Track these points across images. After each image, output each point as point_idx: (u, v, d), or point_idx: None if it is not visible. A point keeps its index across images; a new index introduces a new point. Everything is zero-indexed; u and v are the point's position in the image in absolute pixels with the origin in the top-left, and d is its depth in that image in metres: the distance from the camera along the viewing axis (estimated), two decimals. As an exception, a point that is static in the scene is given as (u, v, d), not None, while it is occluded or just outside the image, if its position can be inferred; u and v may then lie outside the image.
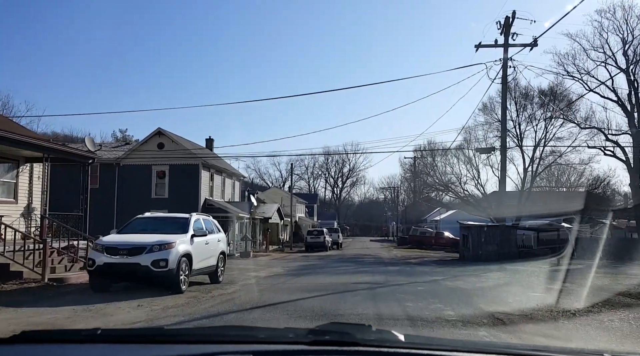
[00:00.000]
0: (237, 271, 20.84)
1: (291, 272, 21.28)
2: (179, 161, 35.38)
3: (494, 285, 16.75)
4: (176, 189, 35.04)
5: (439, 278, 19.31)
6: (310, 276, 19.10)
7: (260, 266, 24.73)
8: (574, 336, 8.51)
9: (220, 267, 16.04)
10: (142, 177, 35.23)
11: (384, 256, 38.73)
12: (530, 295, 13.80)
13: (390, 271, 22.28)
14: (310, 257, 34.37)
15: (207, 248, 14.92)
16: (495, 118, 45.39)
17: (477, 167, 44.41)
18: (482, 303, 11.91)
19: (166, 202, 35.05)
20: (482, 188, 45.06)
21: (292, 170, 49.94)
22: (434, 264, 29.82)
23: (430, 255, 40.87)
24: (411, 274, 21.21)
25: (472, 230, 31.50)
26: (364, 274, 20.15)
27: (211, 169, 36.62)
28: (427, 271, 22.75)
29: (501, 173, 24.73)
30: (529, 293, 14.07)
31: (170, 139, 35.47)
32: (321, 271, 21.56)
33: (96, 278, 13.25)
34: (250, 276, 18.90)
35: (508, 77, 24.45)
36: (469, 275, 21.26)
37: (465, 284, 17.17)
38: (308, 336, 2.04)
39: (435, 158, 44.39)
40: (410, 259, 35.55)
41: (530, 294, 13.92)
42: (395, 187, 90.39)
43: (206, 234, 15.00)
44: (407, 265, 27.98)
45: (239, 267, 23.57)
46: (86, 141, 19.14)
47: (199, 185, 34.84)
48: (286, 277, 18.84)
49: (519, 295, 13.75)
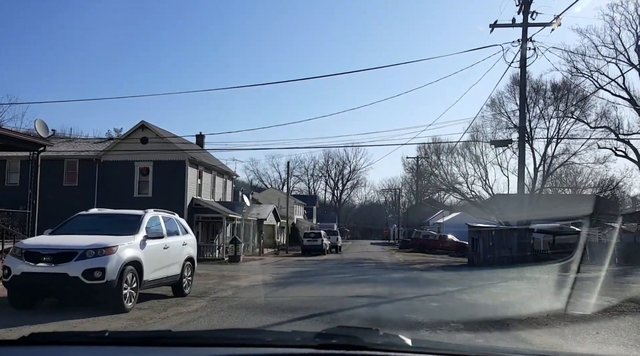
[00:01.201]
0: (215, 280, 17.63)
1: (279, 281, 18.07)
2: (164, 157, 32.18)
3: (522, 300, 13.52)
4: (161, 187, 31.85)
5: (452, 289, 16.10)
6: (300, 287, 15.88)
7: (246, 272, 21.52)
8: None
9: (186, 277, 12.84)
10: (124, 174, 32.05)
11: (385, 260, 35.50)
12: (580, 315, 10.55)
13: (394, 280, 19.07)
14: (305, 262, 31.14)
15: (166, 254, 11.73)
16: (505, 114, 42.33)
17: (485, 166, 41.22)
18: (523, 330, 8.69)
19: (150, 201, 31.71)
20: (489, 189, 41.87)
21: (288, 168, 46.82)
22: (441, 270, 26.61)
23: (435, 260, 37.64)
24: (418, 283, 18.00)
25: (482, 234, 28.27)
26: (364, 284, 16.92)
27: (199, 166, 33.42)
28: (436, 280, 19.55)
29: (519, 168, 21.53)
30: (576, 312, 10.82)
31: (154, 133, 32.27)
32: (315, 280, 18.34)
33: (16, 292, 10.06)
34: (228, 286, 15.69)
35: (527, 60, 21.20)
36: (486, 285, 18.05)
37: (486, 298, 13.96)
38: (315, 340, 2.03)
39: (440, 157, 41.17)
40: (414, 264, 32.34)
41: (576, 313, 10.68)
42: (397, 189, 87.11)
43: (163, 236, 11.79)
44: (412, 272, 24.77)
45: (221, 274, 20.37)
46: (36, 125, 15.97)
47: (185, 183, 31.64)
48: (271, 288, 15.62)
49: (568, 317, 10.48)
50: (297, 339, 2.12)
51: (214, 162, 37.97)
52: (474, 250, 29.85)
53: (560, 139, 40.52)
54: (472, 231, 30.51)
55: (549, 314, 10.40)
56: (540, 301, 13.04)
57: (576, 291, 14.72)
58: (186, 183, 31.75)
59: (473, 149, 40.92)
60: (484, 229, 28.48)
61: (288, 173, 46.87)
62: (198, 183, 33.54)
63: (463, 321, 9.43)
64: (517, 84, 43.90)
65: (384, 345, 2.03)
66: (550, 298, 13.66)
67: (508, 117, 42.19)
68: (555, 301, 12.85)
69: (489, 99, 40.29)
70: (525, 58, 20.95)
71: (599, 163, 40.13)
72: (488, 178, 41.19)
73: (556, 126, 38.82)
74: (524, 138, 22.69)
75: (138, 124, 32.37)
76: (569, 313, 10.62)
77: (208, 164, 35.16)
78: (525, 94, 20.83)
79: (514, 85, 42.54)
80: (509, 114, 42.00)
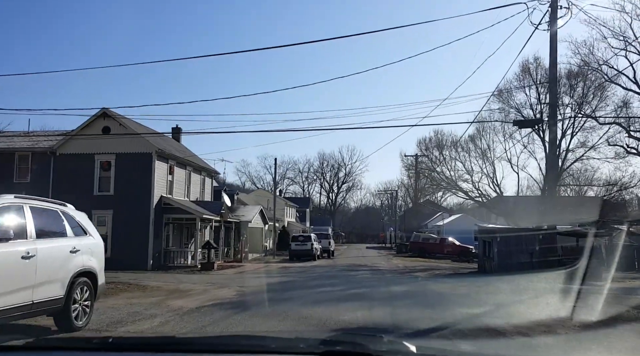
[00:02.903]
0: (156, 298, 12.92)
1: (243, 299, 13.32)
2: (129, 148, 27.47)
3: (589, 329, 8.86)
4: (124, 184, 27.12)
5: (476, 310, 11.45)
6: (268, 309, 11.11)
7: (209, 285, 16.81)
8: None
9: (80, 301, 8.14)
10: (83, 169, 27.32)
11: (382, 267, 30.83)
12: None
13: (395, 296, 14.36)
14: (290, 269, 26.41)
15: (27, 267, 7.03)
16: (513, 105, 37.76)
17: (493, 162, 36.66)
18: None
19: (112, 199, 27.18)
20: (497, 188, 37.25)
21: (275, 164, 41.86)
22: (449, 279, 21.97)
23: (438, 266, 33.00)
24: (428, 301, 13.34)
25: (498, 236, 23.62)
26: (356, 303, 12.19)
27: (170, 160, 28.68)
28: (449, 294, 14.88)
29: (549, 155, 16.91)
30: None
31: (117, 122, 27.58)
32: (291, 297, 13.63)
33: None
34: (164, 309, 10.97)
35: (559, 21, 16.54)
36: (515, 302, 13.39)
37: (535, 329, 9.25)
38: (320, 347, 1.99)
39: (442, 152, 36.54)
40: (415, 271, 27.68)
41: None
42: (394, 190, 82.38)
43: (26, 237, 7.08)
44: (415, 281, 20.14)
45: (174, 288, 15.67)
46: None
47: (152, 178, 26.90)
48: (227, 311, 10.89)
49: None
50: (302, 346, 2.09)
51: (191, 157, 33.26)
52: (486, 255, 25.22)
53: (576, 131, 36.10)
54: (483, 234, 25.89)
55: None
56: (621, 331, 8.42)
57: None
58: (153, 178, 27.03)
59: (479, 143, 36.43)
60: (498, 230, 23.83)
61: (275, 169, 41.99)
62: (169, 179, 28.80)
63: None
64: (527, 71, 39.47)
65: (389, 352, 1.99)
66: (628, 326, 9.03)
67: (517, 109, 37.80)
68: None
69: (496, 90, 35.67)
70: (556, 15, 16.31)
71: (620, 158, 35.48)
72: (496, 176, 36.64)
73: (572, 116, 34.29)
74: (556, 116, 18.04)
75: (99, 112, 27.66)
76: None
77: (182, 158, 30.43)
78: (556, 59, 16.22)
79: (524, 73, 38.16)
80: (518, 107, 37.60)
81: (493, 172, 35.96)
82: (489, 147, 36.29)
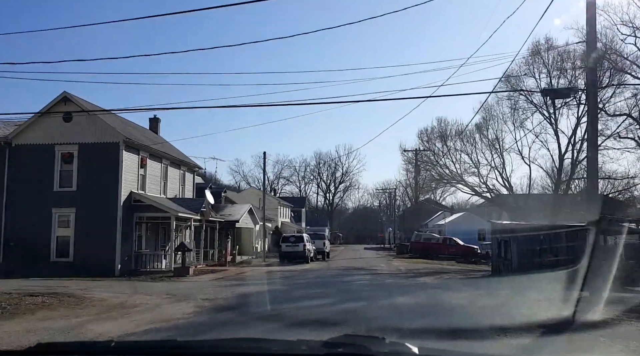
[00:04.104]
0: (84, 317, 9.36)
1: (198, 320, 9.67)
2: (93, 138, 23.86)
3: None
4: (89, 178, 23.49)
5: (527, 338, 7.89)
6: (221, 338, 7.47)
7: (167, 297, 13.19)
8: None
9: None
10: (42, 162, 23.72)
11: (382, 270, 27.26)
12: None
13: (402, 311, 10.74)
14: (276, 275, 22.81)
15: None
16: (522, 91, 34.23)
17: (502, 153, 33.10)
18: None
19: (74, 196, 23.53)
20: (507, 182, 33.70)
21: (265, 158, 37.94)
22: (463, 285, 18.43)
23: (443, 268, 29.42)
24: (450, 319, 9.73)
25: (517, 234, 20.04)
26: (349, 327, 8.55)
27: (142, 151, 25.08)
28: (472, 308, 11.32)
29: (590, 130, 13.27)
30: None
31: (80, 107, 23.98)
32: (263, 316, 9.96)
33: None
34: (78, 337, 7.36)
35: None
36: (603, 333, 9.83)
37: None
38: (322, 349, 1.99)
39: (447, 142, 32.92)
40: (420, 275, 24.13)
41: None
42: (393, 189, 78.72)
43: None
44: (423, 289, 16.59)
45: (118, 302, 12.07)
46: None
47: (120, 171, 23.28)
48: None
49: None
50: (304, 348, 2.10)
51: (169, 149, 29.66)
52: (502, 256, 21.66)
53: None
54: (497, 231, 22.32)
55: None
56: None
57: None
58: (120, 171, 23.38)
59: (486, 133, 32.87)
60: (518, 228, 20.25)
61: (264, 162, 38.16)
62: (140, 173, 25.16)
63: None
64: (537, 55, 36.09)
65: (391, 353, 1.99)
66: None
67: (526, 96, 34.27)
68: None
69: (504, 75, 32.14)
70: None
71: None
72: (505, 169, 33.09)
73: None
74: (596, 82, 14.47)
75: (59, 96, 24.04)
76: None
77: (156, 150, 26.78)
78: (595, 14, 12.63)
79: (534, 57, 34.70)
80: (527, 94, 34.06)
81: (502, 165, 32.40)
82: (497, 138, 32.75)
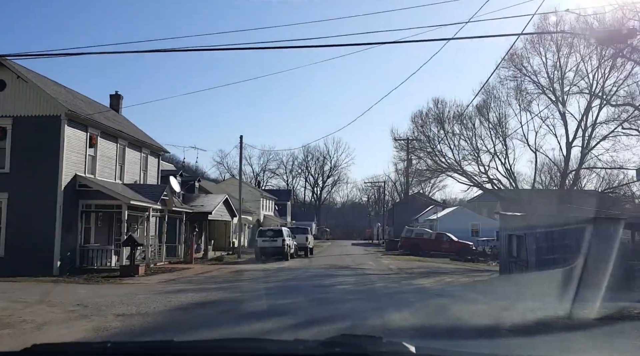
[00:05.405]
0: None
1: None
2: (31, 111, 19.96)
3: None
4: (25, 158, 19.59)
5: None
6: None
7: (74, 309, 9.44)
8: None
9: None
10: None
11: (370, 269, 23.67)
12: None
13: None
14: (244, 276, 19.08)
15: None
16: (527, 72, 30.75)
17: (505, 139, 29.56)
18: None
19: (7, 179, 19.60)
20: (510, 172, 30.14)
21: (241, 142, 33.78)
22: (472, 291, 14.91)
23: (439, 267, 25.92)
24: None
25: (531, 229, 16.49)
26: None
27: (91, 128, 21.22)
28: (506, 332, 7.73)
29: None
30: None
31: (16, 75, 20.12)
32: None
33: None
34: None
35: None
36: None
37: None
38: (319, 349, 1.99)
39: (444, 126, 29.30)
40: (414, 276, 20.61)
41: None
42: (382, 182, 75.19)
43: None
44: (424, 299, 12.98)
45: (1, 315, 8.33)
46: None
47: (60, 150, 19.43)
48: None
49: None
50: (301, 348, 2.08)
51: (128, 128, 25.75)
52: (513, 254, 18.14)
53: (604, 103, 29.24)
54: (509, 225, 18.78)
55: None
56: None
57: None
58: (61, 150, 19.50)
59: (488, 116, 29.32)
60: (538, 221, 16.66)
61: (241, 146, 33.96)
62: (89, 154, 21.28)
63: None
64: (543, 30, 32.66)
65: (388, 353, 1.99)
66: None
67: (530, 77, 30.79)
68: None
69: (507, 54, 28.56)
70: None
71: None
72: (508, 157, 29.55)
73: (602, 79, 27.33)
74: None
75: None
76: None
77: (111, 128, 22.86)
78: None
79: (537, 37, 31.22)
80: (530, 75, 30.58)
81: (505, 152, 28.90)
82: (499, 122, 29.22)
